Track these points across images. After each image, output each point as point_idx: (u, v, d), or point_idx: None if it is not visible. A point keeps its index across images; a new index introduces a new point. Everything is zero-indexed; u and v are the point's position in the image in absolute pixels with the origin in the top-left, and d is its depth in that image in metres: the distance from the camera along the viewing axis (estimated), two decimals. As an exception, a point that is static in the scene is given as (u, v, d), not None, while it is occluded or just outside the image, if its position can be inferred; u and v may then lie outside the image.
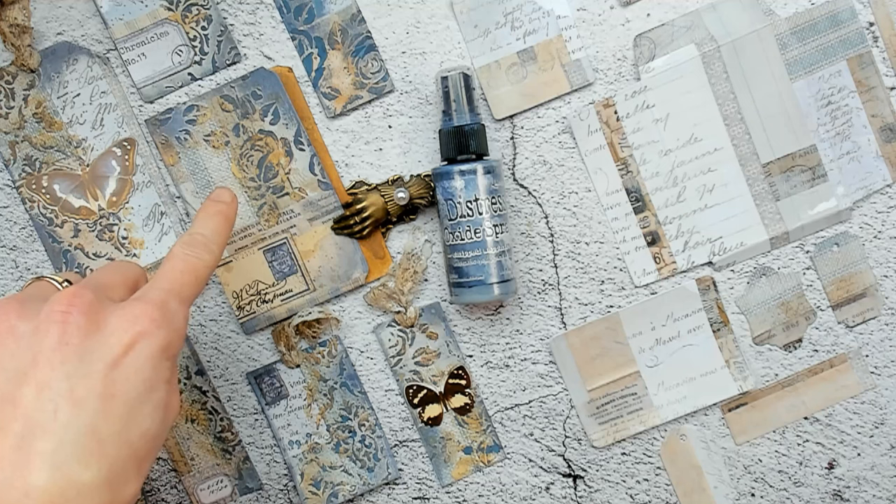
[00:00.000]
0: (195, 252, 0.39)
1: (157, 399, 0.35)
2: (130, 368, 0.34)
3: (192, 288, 0.38)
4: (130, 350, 0.34)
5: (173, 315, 0.36)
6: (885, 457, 0.53)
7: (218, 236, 0.41)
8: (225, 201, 0.43)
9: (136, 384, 0.34)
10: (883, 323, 0.52)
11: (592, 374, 0.52)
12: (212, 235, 0.41)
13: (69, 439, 0.32)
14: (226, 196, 0.44)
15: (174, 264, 0.38)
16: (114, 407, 0.33)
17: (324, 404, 0.52)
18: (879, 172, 0.51)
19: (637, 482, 0.53)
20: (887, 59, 0.50)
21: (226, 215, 0.42)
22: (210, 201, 0.43)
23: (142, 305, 0.35)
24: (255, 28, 0.50)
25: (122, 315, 0.34)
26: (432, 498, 0.53)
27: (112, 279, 0.38)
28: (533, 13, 0.50)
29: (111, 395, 0.33)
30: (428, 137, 0.51)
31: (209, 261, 0.39)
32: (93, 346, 0.33)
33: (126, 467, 0.33)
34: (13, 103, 0.49)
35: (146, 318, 0.35)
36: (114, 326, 0.34)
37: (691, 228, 0.51)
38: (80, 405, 0.32)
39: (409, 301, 0.51)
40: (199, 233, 0.40)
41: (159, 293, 0.36)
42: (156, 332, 0.35)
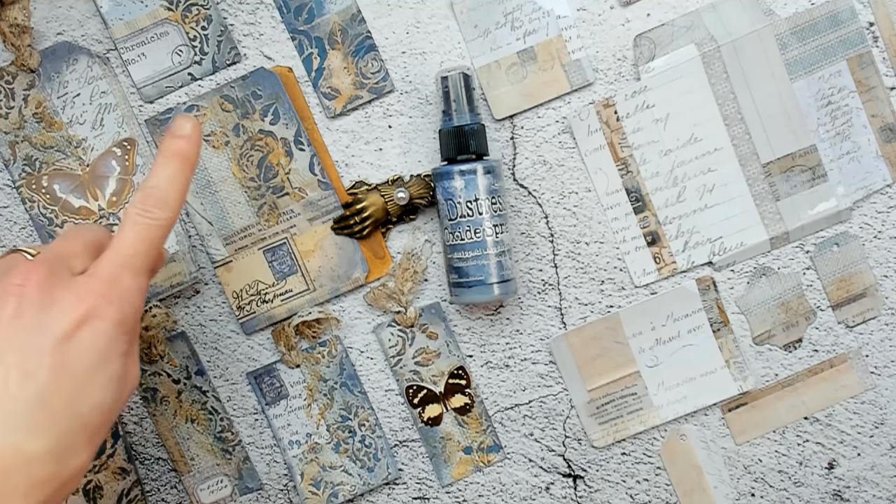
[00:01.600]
0: (149, 212, 0.37)
1: (111, 372, 0.35)
2: (83, 343, 0.34)
3: (146, 255, 0.37)
4: (83, 325, 0.34)
5: (125, 289, 0.36)
6: (885, 457, 0.53)
7: (175, 183, 0.38)
8: (184, 134, 0.39)
9: (89, 358, 0.34)
10: (883, 323, 0.52)
11: (592, 374, 0.52)
12: (167, 185, 0.38)
13: (18, 410, 0.32)
14: (186, 127, 0.39)
15: (128, 231, 0.37)
16: (64, 379, 0.33)
17: (324, 404, 0.52)
18: (879, 172, 0.51)
19: (637, 482, 0.53)
20: (887, 59, 0.50)
21: (184, 155, 0.38)
22: (168, 136, 0.39)
23: (92, 282, 0.35)
24: (255, 28, 0.50)
25: (74, 291, 0.35)
26: (432, 498, 0.53)
27: (73, 247, 0.37)
28: (533, 13, 0.50)
29: (61, 367, 0.33)
30: (428, 137, 0.51)
31: (165, 219, 0.37)
32: (44, 320, 0.34)
33: (76, 439, 0.34)
34: (13, 103, 0.49)
35: (95, 295, 0.35)
36: (65, 302, 0.34)
37: (691, 228, 0.51)
38: (29, 377, 0.33)
39: (409, 301, 0.51)
40: (152, 185, 0.37)
41: (111, 267, 0.36)
42: (106, 308, 0.35)
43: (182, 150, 0.38)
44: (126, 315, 0.35)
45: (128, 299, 0.36)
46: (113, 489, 0.52)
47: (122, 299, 0.35)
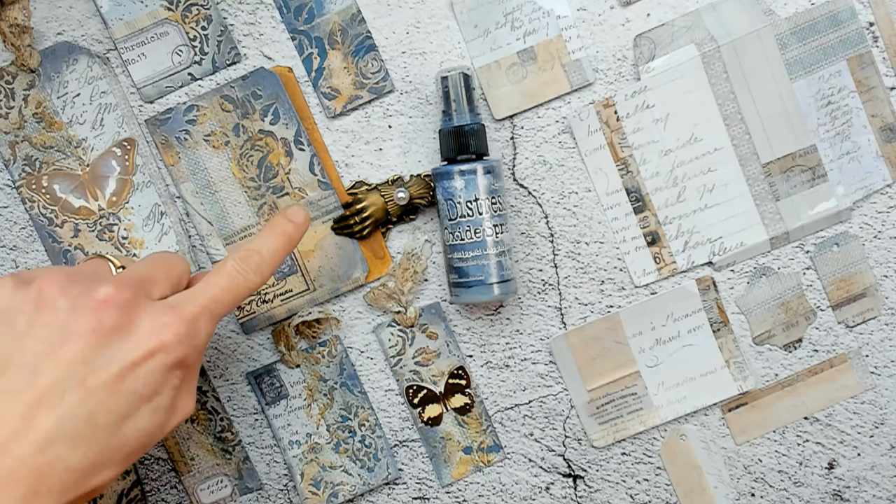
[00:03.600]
0: (245, 272, 0.39)
1: (160, 403, 0.36)
2: (142, 372, 0.35)
3: (228, 307, 0.39)
4: (149, 357, 0.35)
5: (199, 332, 0.37)
6: (885, 457, 0.53)
7: (274, 259, 0.41)
8: (296, 222, 0.42)
9: (143, 387, 0.35)
10: (883, 323, 0.52)
11: (592, 374, 0.52)
12: (269, 257, 0.41)
13: (69, 421, 0.34)
14: (299, 216, 0.43)
15: (220, 280, 0.39)
16: (117, 403, 0.35)
17: (324, 404, 0.52)
18: (879, 172, 0.51)
19: (637, 482, 0.53)
20: (887, 59, 0.50)
21: (291, 238, 0.42)
22: (282, 216, 0.42)
23: (172, 317, 0.36)
24: (255, 28, 0.50)
25: (152, 321, 0.36)
26: (432, 498, 0.53)
27: (156, 274, 0.39)
28: (533, 13, 0.50)
29: (118, 391, 0.35)
30: (428, 137, 0.51)
31: (256, 284, 0.40)
32: (116, 343, 0.35)
33: (112, 457, 0.35)
34: (13, 103, 0.49)
35: (171, 332, 0.36)
36: (141, 330, 0.35)
37: (691, 228, 0.51)
38: (88, 393, 0.34)
39: (409, 301, 0.51)
40: (257, 251, 0.40)
41: (195, 307, 0.37)
42: (176, 347, 0.36)
43: (289, 233, 0.42)
44: (188, 356, 0.37)
45: (197, 343, 0.37)
46: (113, 489, 0.51)
47: (193, 342, 0.37)
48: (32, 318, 0.35)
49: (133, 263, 0.40)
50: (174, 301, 0.37)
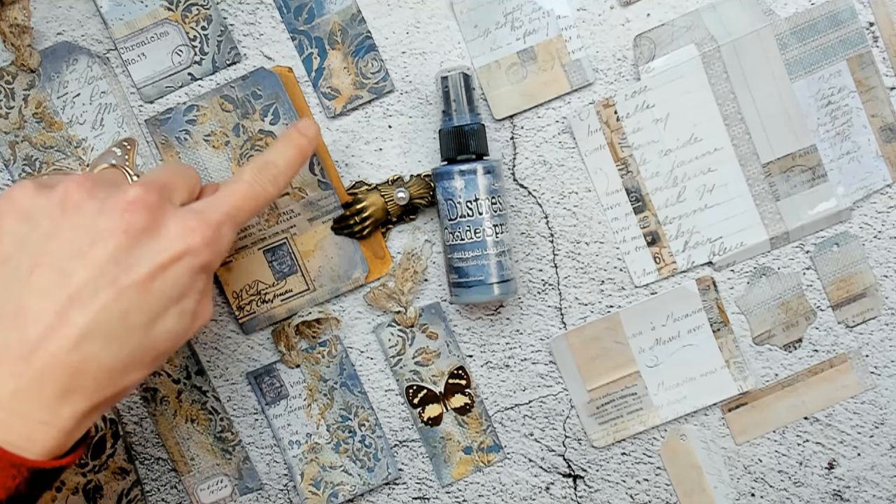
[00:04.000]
0: (262, 182, 0.41)
1: (187, 305, 0.37)
2: (171, 274, 0.36)
3: (249, 215, 0.40)
4: (178, 260, 0.36)
5: (222, 238, 0.38)
6: (885, 457, 0.53)
7: (289, 170, 0.42)
8: (308, 136, 0.44)
9: (172, 289, 0.36)
10: (883, 323, 0.52)
11: (592, 374, 0.52)
12: (284, 168, 0.42)
13: (103, 319, 0.34)
14: (311, 130, 0.44)
15: (240, 188, 0.40)
16: (148, 303, 0.35)
17: (324, 404, 0.52)
18: (879, 172, 0.51)
19: (637, 482, 0.53)
20: (887, 59, 0.50)
21: (304, 150, 0.43)
22: (294, 129, 0.44)
23: (199, 222, 0.37)
24: (255, 28, 0.50)
25: (180, 224, 0.37)
26: (432, 498, 0.53)
27: (176, 181, 0.39)
28: (533, 13, 0.50)
29: (149, 291, 0.35)
30: (428, 137, 0.51)
31: (273, 193, 0.41)
32: (146, 244, 0.36)
33: (142, 357, 0.36)
34: (13, 103, 0.49)
35: (199, 236, 0.37)
36: (169, 232, 0.36)
37: (691, 228, 0.51)
38: (120, 293, 0.35)
39: (409, 301, 0.51)
40: (273, 163, 0.41)
41: (219, 214, 0.38)
42: (203, 251, 0.37)
43: (302, 146, 0.43)
44: (213, 260, 0.38)
45: (221, 248, 0.38)
46: (113, 489, 0.52)
47: (217, 246, 0.38)
48: (58, 221, 0.35)
49: (149, 172, 0.40)
50: (199, 207, 0.38)
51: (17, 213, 0.36)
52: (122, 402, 0.52)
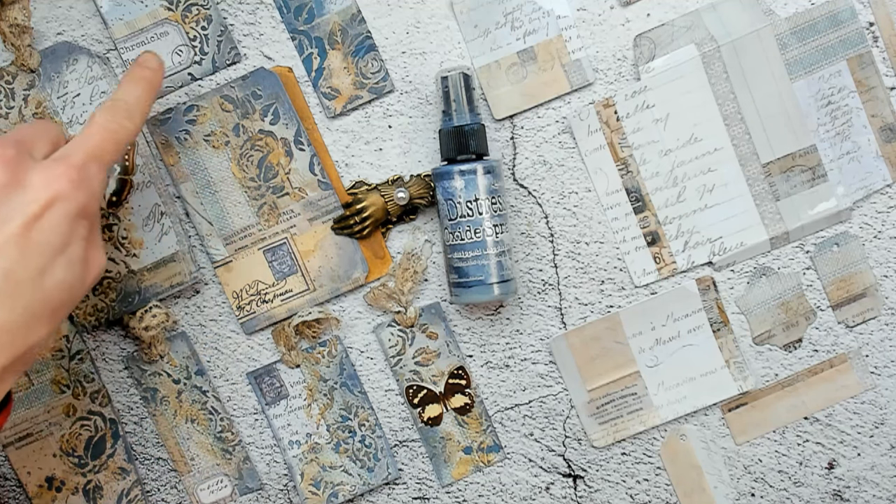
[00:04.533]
0: (117, 119, 0.40)
1: (74, 254, 0.37)
2: (47, 224, 0.36)
3: (111, 153, 0.40)
4: (50, 207, 0.36)
5: (92, 177, 0.38)
6: (885, 457, 0.53)
7: (140, 103, 0.42)
8: (151, 67, 0.43)
9: (53, 238, 0.36)
10: (883, 323, 0.52)
11: (592, 374, 0.52)
12: (135, 103, 0.41)
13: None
14: (152, 62, 0.44)
15: (95, 130, 0.39)
16: (31, 256, 0.35)
17: (324, 404, 0.52)
18: (879, 172, 0.51)
19: (637, 482, 0.53)
20: (887, 59, 0.50)
21: (150, 81, 0.43)
22: (136, 66, 0.43)
23: (63, 166, 0.37)
24: (255, 28, 0.50)
25: (44, 173, 0.36)
26: (432, 498, 0.53)
27: (35, 135, 0.39)
28: (533, 13, 0.50)
29: (28, 244, 0.35)
30: (428, 137, 0.51)
31: (129, 128, 0.40)
32: (13, 199, 0.35)
33: (40, 313, 0.36)
34: (13, 103, 0.49)
35: (66, 179, 0.36)
36: (35, 183, 0.36)
37: (691, 228, 0.51)
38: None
39: (409, 301, 0.51)
40: (121, 99, 0.41)
41: (81, 156, 0.38)
42: (74, 194, 0.36)
43: (148, 78, 0.43)
44: (89, 201, 0.37)
45: (92, 187, 0.38)
46: (113, 489, 0.52)
47: (88, 186, 0.37)
48: None
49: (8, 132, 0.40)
50: (58, 155, 0.38)
51: None
52: (121, 401, 0.52)
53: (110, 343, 0.51)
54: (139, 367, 0.51)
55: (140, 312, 0.50)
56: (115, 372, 0.51)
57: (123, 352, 0.51)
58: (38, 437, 0.51)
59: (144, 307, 0.50)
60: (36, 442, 0.51)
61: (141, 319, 0.50)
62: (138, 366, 0.51)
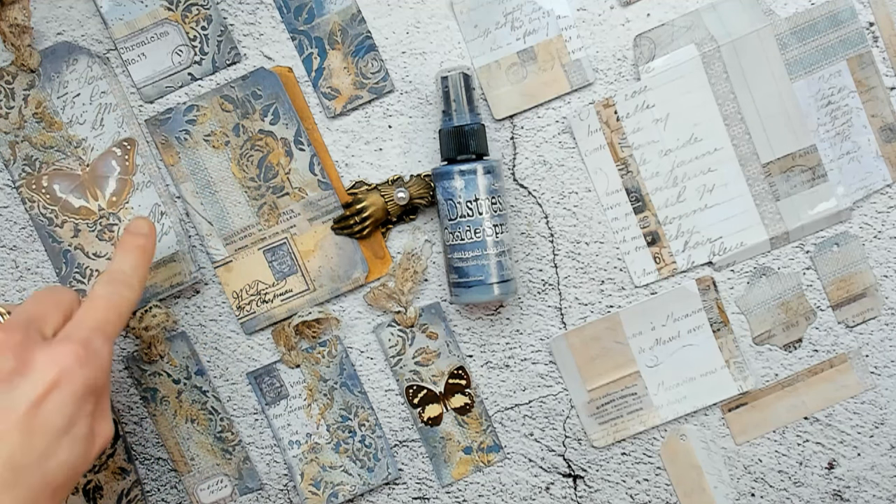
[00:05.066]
0: (116, 290, 0.41)
1: (78, 433, 0.37)
2: (52, 405, 0.36)
3: (116, 325, 0.40)
4: (54, 388, 0.36)
5: (97, 353, 0.38)
6: (885, 457, 0.53)
7: (137, 271, 0.43)
8: (143, 233, 0.44)
9: (57, 420, 0.36)
10: (883, 323, 0.52)
11: (592, 374, 0.52)
12: (131, 271, 0.42)
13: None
14: (143, 227, 0.45)
15: (97, 303, 0.40)
16: (33, 441, 0.35)
17: (324, 404, 0.52)
18: (879, 172, 0.51)
19: (637, 482, 0.53)
20: (887, 59, 0.50)
21: (144, 248, 0.44)
22: (128, 234, 0.44)
23: (67, 345, 0.37)
24: (255, 28, 0.50)
25: (49, 354, 0.36)
26: (432, 498, 0.53)
27: (45, 310, 0.39)
28: (533, 13, 0.50)
29: (31, 430, 0.35)
30: (428, 137, 0.51)
31: (130, 297, 0.41)
32: (18, 384, 0.35)
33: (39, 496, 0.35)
34: (13, 103, 0.49)
35: (71, 357, 0.36)
36: (40, 366, 0.36)
37: (691, 228, 0.51)
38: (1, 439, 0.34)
39: (409, 301, 0.51)
40: (119, 270, 0.42)
41: (84, 332, 0.38)
42: (79, 371, 0.36)
43: (142, 245, 0.44)
44: (96, 378, 0.37)
45: (98, 362, 0.38)
46: (113, 489, 0.51)
47: (94, 362, 0.37)
48: None
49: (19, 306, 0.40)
50: (63, 334, 0.38)
51: None
52: (121, 402, 0.52)
53: (110, 343, 0.51)
54: (139, 367, 0.51)
55: (140, 312, 0.50)
56: (115, 372, 0.51)
57: (123, 352, 0.51)
58: (38, 437, 0.51)
59: (144, 307, 0.50)
60: (36, 442, 0.51)
61: (141, 319, 0.50)
62: (138, 366, 0.51)
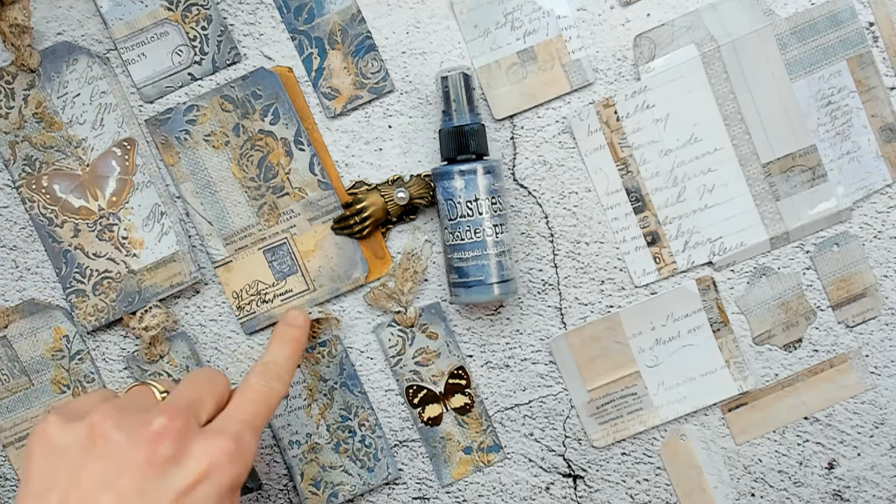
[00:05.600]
0: (269, 383, 0.42)
1: None
2: (199, 497, 0.36)
3: (264, 419, 0.41)
4: (203, 480, 0.36)
5: (246, 447, 0.38)
6: (885, 457, 0.53)
7: (290, 363, 0.44)
8: (298, 325, 0.46)
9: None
10: (883, 323, 0.52)
11: (592, 374, 0.52)
12: (284, 364, 0.44)
13: None
14: (299, 319, 0.47)
15: (249, 395, 0.41)
16: None
17: (324, 404, 0.52)
18: (879, 172, 0.51)
19: (637, 482, 0.53)
20: (887, 59, 0.50)
21: (298, 341, 0.46)
22: (284, 325, 0.46)
23: (221, 438, 0.38)
24: (255, 28, 0.50)
25: (203, 447, 0.37)
26: (432, 498, 0.53)
27: (202, 396, 0.40)
28: (533, 13, 0.50)
29: None
30: (428, 137, 0.51)
31: (281, 391, 0.42)
32: (172, 471, 0.36)
33: None
34: (13, 103, 0.49)
35: (223, 452, 0.37)
36: (194, 456, 0.37)
37: (691, 228, 0.51)
38: None
39: (409, 301, 0.51)
40: (272, 361, 0.43)
41: (237, 425, 0.39)
42: (228, 467, 0.37)
43: (295, 337, 0.46)
44: (241, 474, 0.38)
45: (245, 458, 0.38)
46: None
47: (243, 457, 0.38)
48: (87, 452, 0.36)
49: (177, 387, 0.41)
50: (217, 425, 0.39)
51: (47, 448, 0.37)
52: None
53: (110, 343, 0.51)
54: (139, 367, 0.51)
55: (140, 312, 0.50)
56: (115, 372, 0.51)
57: (123, 352, 0.51)
58: (38, 437, 0.51)
59: (144, 307, 0.50)
60: (36, 442, 0.51)
61: (141, 319, 0.50)
62: (138, 366, 0.51)
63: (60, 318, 0.51)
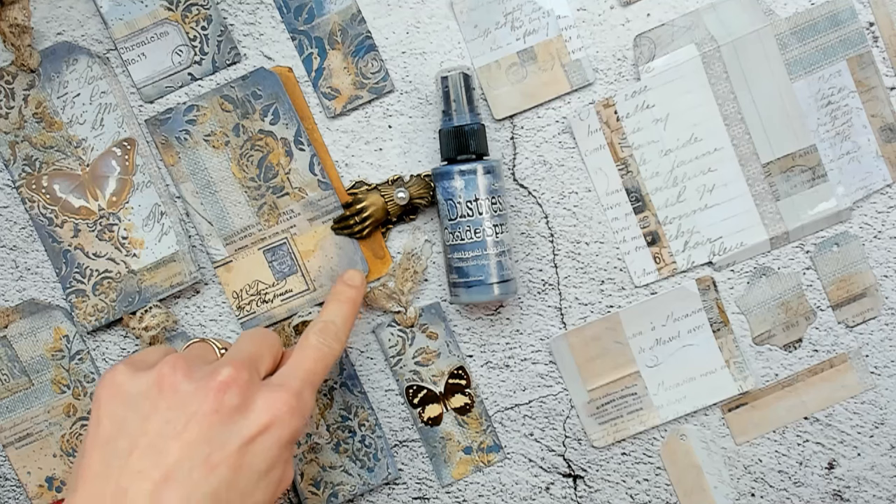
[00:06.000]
0: (328, 342, 0.43)
1: (274, 476, 0.38)
2: (260, 448, 0.37)
3: (321, 377, 0.42)
4: (265, 431, 0.37)
5: (305, 403, 0.40)
6: (885, 457, 0.53)
7: (347, 323, 0.45)
8: (355, 285, 0.47)
9: (261, 462, 0.37)
10: (883, 323, 0.52)
11: (592, 374, 0.52)
12: (342, 324, 0.44)
13: (195, 497, 0.35)
14: (356, 279, 0.47)
15: (309, 353, 0.42)
16: (238, 478, 0.36)
17: (324, 404, 0.52)
18: (879, 172, 0.51)
19: (637, 482, 0.53)
20: (887, 59, 0.50)
21: (355, 301, 0.46)
22: (342, 284, 0.47)
23: (283, 393, 0.39)
24: (255, 28, 0.50)
25: (267, 398, 0.38)
26: (432, 498, 0.53)
27: (261, 351, 0.41)
28: (533, 13, 0.50)
29: (239, 467, 0.37)
30: (428, 137, 0.51)
31: (338, 350, 0.43)
32: (237, 421, 0.37)
33: None
34: (13, 103, 0.49)
35: (285, 406, 0.38)
36: (258, 407, 0.38)
37: (691, 228, 0.51)
38: (212, 470, 0.36)
39: (409, 301, 0.51)
40: (331, 321, 0.44)
41: (298, 382, 0.40)
42: (289, 420, 0.38)
43: (352, 297, 0.46)
44: (300, 428, 0.39)
45: (304, 413, 0.39)
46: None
47: (301, 412, 0.39)
48: (156, 402, 0.37)
49: (235, 343, 0.42)
50: (279, 380, 0.40)
51: (116, 396, 0.37)
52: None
53: (110, 343, 0.51)
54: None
55: (140, 312, 0.50)
56: (115, 372, 0.51)
57: (123, 352, 0.51)
58: (38, 437, 0.51)
59: (144, 307, 0.50)
60: (36, 442, 0.51)
61: (141, 319, 0.50)
62: (138, 366, 0.51)
63: (60, 318, 0.51)
